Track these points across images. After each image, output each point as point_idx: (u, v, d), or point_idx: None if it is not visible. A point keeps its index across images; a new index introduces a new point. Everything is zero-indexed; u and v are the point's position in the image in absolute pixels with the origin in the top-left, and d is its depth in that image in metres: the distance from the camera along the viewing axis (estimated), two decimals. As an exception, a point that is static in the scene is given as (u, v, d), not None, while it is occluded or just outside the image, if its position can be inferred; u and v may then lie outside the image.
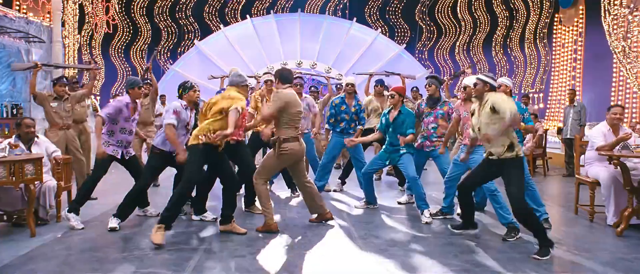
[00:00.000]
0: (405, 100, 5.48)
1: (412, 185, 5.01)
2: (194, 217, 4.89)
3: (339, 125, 6.31)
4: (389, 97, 5.17)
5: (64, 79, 6.05)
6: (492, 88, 3.90)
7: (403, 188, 6.24)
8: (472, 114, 4.07)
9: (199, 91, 4.72)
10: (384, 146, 5.29)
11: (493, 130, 3.77)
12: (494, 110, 3.74)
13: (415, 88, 9.49)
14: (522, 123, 4.60)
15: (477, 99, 3.97)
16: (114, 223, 4.45)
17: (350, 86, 6.35)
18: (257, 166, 5.90)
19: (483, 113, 3.87)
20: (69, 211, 4.52)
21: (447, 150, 5.28)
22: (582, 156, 5.29)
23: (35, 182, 4.29)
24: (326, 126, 6.62)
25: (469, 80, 4.54)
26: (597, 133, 4.96)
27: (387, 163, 5.26)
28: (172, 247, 3.92)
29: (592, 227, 4.73)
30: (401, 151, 5.07)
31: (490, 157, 3.90)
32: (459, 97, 5.12)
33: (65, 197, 5.14)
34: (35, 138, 4.79)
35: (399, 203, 5.72)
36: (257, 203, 5.09)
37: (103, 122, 4.54)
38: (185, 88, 4.65)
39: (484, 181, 4.19)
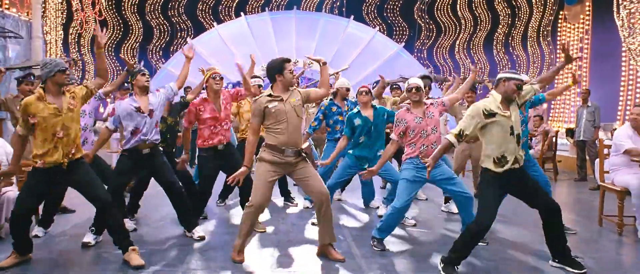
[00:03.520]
0: None
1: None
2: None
3: (335, 130, 5.45)
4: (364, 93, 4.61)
5: (32, 77, 5.29)
6: None
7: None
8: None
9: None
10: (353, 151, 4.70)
11: None
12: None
13: (396, 86, 8.89)
14: None
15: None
16: (89, 237, 3.95)
17: (345, 89, 5.48)
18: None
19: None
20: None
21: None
22: (606, 161, 4.80)
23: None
24: (307, 131, 5.51)
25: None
26: (623, 136, 4.48)
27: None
28: (146, 268, 3.40)
29: (622, 242, 4.24)
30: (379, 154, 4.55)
31: None
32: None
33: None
34: None
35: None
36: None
37: None
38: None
39: None
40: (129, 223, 4.40)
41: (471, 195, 3.95)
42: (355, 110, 4.61)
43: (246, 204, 3.58)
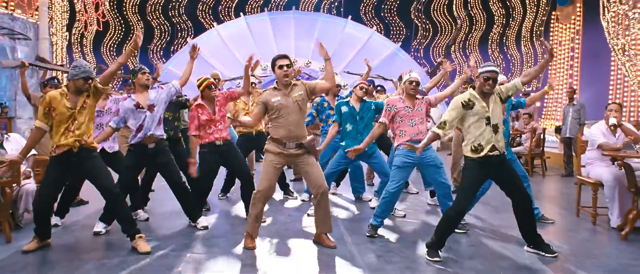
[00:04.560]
0: None
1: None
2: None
3: (328, 124, 5.74)
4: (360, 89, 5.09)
5: (56, 81, 5.59)
6: None
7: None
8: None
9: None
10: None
11: None
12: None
13: (380, 87, 9.17)
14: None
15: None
16: (99, 227, 4.27)
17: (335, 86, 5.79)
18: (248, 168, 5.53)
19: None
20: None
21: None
22: (583, 156, 5.12)
23: (13, 185, 4.09)
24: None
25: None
26: (597, 132, 4.81)
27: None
28: (156, 253, 3.72)
29: (595, 231, 4.56)
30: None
31: None
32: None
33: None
34: (5, 136, 4.57)
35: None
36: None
37: None
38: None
39: None
40: (142, 213, 4.79)
41: (449, 184, 4.32)
42: (344, 100, 5.10)
43: (254, 192, 3.86)
